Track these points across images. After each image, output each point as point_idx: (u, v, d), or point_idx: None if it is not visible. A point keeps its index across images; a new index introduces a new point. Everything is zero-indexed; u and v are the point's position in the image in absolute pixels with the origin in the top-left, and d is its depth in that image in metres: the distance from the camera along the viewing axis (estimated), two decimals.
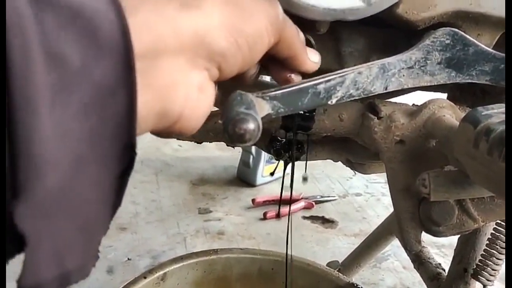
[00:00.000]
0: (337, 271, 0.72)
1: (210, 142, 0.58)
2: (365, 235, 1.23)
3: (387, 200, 1.48)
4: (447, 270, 0.65)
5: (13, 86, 0.17)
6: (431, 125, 0.42)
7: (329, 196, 1.43)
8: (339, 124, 0.46)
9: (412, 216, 0.43)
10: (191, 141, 0.57)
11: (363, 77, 0.38)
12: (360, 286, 0.66)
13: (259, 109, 0.33)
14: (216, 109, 0.57)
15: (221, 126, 0.58)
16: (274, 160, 1.48)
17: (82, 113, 0.19)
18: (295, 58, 0.34)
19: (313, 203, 1.35)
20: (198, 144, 1.78)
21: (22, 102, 0.17)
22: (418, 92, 0.53)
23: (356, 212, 1.38)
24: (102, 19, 0.20)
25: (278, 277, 0.73)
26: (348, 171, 1.75)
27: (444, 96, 0.55)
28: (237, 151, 1.67)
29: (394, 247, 1.11)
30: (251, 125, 0.28)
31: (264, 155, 1.44)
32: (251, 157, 1.44)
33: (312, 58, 0.35)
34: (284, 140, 0.51)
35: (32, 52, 0.17)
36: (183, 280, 0.69)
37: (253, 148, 1.44)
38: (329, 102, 0.38)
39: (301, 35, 0.34)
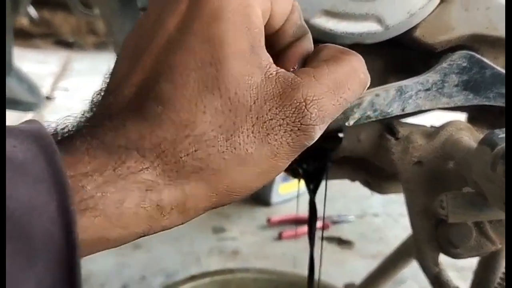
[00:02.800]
0: None
1: None
2: (383, 256, 1.21)
3: (405, 221, 1.45)
4: None
5: None
6: (449, 147, 0.43)
7: (346, 216, 1.42)
8: (357, 145, 0.46)
9: (430, 237, 0.43)
10: None
11: (380, 99, 0.39)
12: None
13: None
14: None
15: None
16: (290, 178, 1.48)
17: None
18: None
19: (329, 223, 1.34)
20: None
21: None
22: (438, 112, 0.53)
23: (373, 233, 1.36)
24: (37, 222, 0.17)
25: None
26: (365, 190, 1.73)
27: (463, 116, 0.55)
28: None
29: (412, 269, 1.09)
30: None
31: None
32: None
33: None
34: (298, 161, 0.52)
35: None
36: None
37: None
38: (346, 124, 0.38)
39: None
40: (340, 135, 0.45)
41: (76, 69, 2.97)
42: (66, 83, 2.63)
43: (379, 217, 1.47)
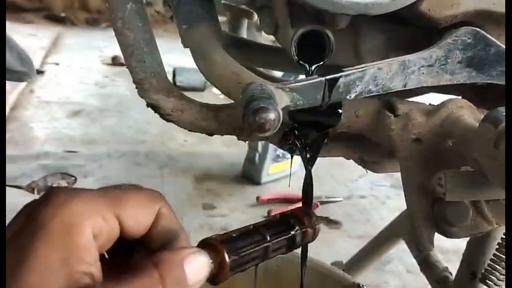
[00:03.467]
0: None
1: (221, 134, 0.58)
2: (370, 237, 1.22)
3: (392, 203, 1.47)
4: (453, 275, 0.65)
5: None
6: (449, 125, 0.42)
7: (334, 197, 1.43)
8: (355, 121, 0.46)
9: (426, 216, 0.42)
10: (202, 133, 0.56)
11: (383, 73, 0.38)
12: (365, 285, 0.66)
13: (279, 100, 0.33)
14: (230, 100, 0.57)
15: (233, 118, 0.58)
16: (280, 159, 1.48)
17: None
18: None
19: (318, 203, 1.35)
20: (204, 140, 1.78)
21: None
22: (432, 95, 0.52)
23: (360, 214, 1.37)
24: None
25: (283, 274, 0.72)
26: (353, 172, 1.75)
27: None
28: (243, 148, 1.66)
29: (398, 251, 1.10)
30: (271, 115, 0.28)
31: (271, 153, 1.43)
32: (257, 154, 1.44)
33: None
34: (298, 135, 0.51)
35: None
36: None
37: (260, 146, 1.43)
38: (347, 97, 0.37)
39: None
40: (340, 111, 0.44)
41: (67, 44, 2.91)
42: (57, 58, 2.58)
43: (366, 199, 1.48)
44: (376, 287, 1.03)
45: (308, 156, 0.45)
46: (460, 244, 0.68)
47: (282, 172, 1.50)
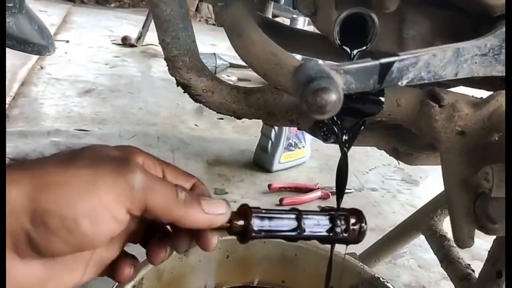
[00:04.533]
0: None
1: (250, 118, 0.57)
2: (381, 230, 1.21)
3: (403, 197, 1.46)
4: None
5: None
6: (496, 118, 0.40)
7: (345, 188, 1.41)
8: (396, 110, 0.44)
9: (467, 211, 0.41)
10: (231, 115, 0.55)
11: (437, 60, 0.36)
12: (385, 280, 0.65)
13: None
14: (261, 84, 0.55)
15: (263, 102, 0.56)
16: (293, 148, 1.46)
17: None
18: (179, 221, 0.30)
19: (330, 193, 1.34)
20: (214, 125, 1.77)
21: None
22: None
23: (372, 207, 1.36)
24: None
25: (300, 263, 0.71)
26: (363, 165, 1.74)
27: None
28: (253, 135, 1.65)
29: (410, 245, 1.09)
30: (333, 96, 0.27)
31: (283, 142, 1.42)
32: (270, 142, 1.42)
33: (211, 210, 0.31)
34: (331, 122, 0.49)
35: None
36: (205, 258, 0.68)
37: (273, 134, 1.42)
38: (399, 83, 0.36)
39: (181, 195, 0.30)
40: (382, 99, 0.42)
41: (77, 22, 2.88)
42: (67, 35, 2.55)
43: (377, 192, 1.47)
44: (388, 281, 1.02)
45: (345, 139, 0.44)
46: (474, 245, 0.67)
47: (294, 161, 1.49)
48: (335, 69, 0.31)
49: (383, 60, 0.33)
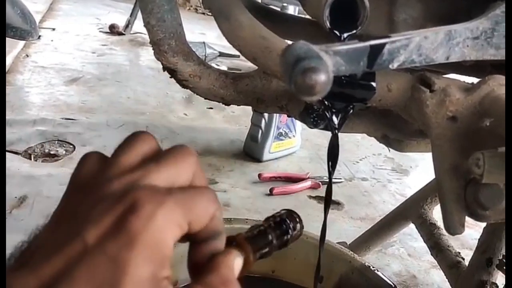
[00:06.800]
0: None
1: (238, 105, 0.55)
2: (371, 219, 1.22)
3: (393, 187, 1.46)
4: None
5: None
6: (488, 103, 0.40)
7: (335, 178, 1.41)
8: (386, 95, 0.43)
9: (458, 197, 0.40)
10: (218, 101, 0.54)
11: (428, 42, 0.35)
12: (375, 268, 0.65)
13: None
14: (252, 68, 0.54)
15: (252, 88, 0.55)
16: (283, 137, 1.45)
17: None
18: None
19: (320, 183, 1.33)
20: (204, 115, 1.75)
21: None
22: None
23: (362, 196, 1.36)
24: None
25: (290, 252, 0.71)
26: (353, 154, 1.73)
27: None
28: (243, 124, 1.64)
29: (400, 234, 1.10)
30: (322, 77, 0.26)
31: (274, 131, 1.41)
32: (260, 132, 1.41)
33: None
34: (321, 108, 0.48)
35: None
36: None
37: (263, 123, 1.41)
38: (390, 66, 0.35)
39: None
40: (373, 84, 0.41)
41: (63, 10, 2.83)
42: (53, 23, 2.51)
43: (368, 182, 1.47)
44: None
45: (335, 121, 0.43)
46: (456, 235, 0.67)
47: (284, 151, 1.48)
48: (324, 50, 0.30)
49: (374, 42, 0.32)
